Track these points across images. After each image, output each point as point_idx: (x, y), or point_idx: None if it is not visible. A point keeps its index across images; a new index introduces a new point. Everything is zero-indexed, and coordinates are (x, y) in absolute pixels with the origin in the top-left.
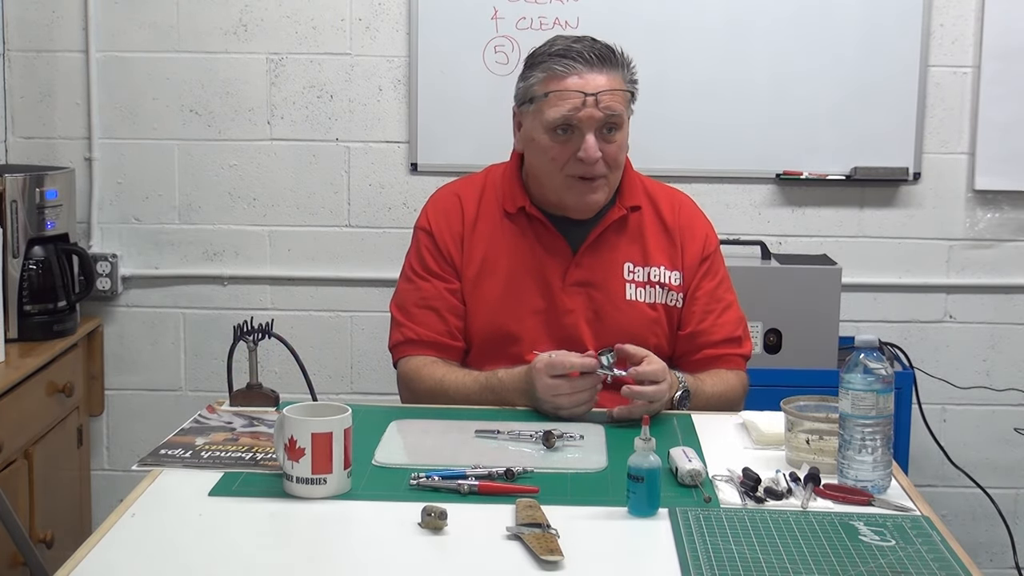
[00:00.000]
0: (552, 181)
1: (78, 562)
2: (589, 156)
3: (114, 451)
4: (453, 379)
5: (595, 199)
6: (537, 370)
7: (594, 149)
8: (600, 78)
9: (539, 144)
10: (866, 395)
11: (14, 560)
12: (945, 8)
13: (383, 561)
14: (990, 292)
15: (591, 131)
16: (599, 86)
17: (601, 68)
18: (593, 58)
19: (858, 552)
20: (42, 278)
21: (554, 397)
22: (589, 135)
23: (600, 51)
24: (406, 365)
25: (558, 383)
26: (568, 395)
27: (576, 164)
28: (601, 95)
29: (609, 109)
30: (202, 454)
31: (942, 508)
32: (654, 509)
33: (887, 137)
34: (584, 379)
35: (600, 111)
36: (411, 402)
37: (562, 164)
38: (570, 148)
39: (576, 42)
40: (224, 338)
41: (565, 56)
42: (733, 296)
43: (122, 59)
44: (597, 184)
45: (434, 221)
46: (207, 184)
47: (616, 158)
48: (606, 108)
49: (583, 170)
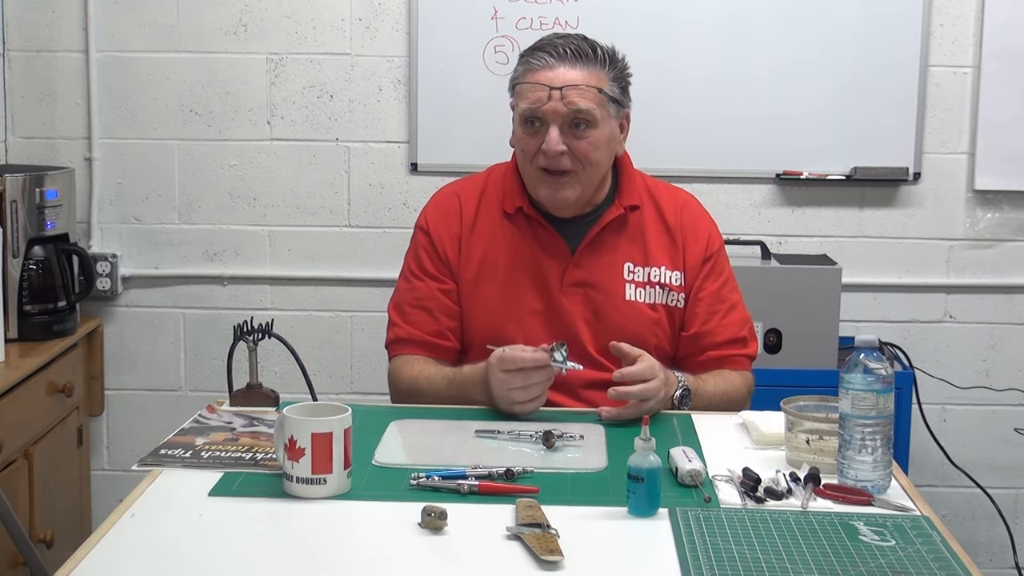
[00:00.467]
0: (526, 174)
1: (78, 562)
2: (548, 148)
3: (114, 451)
4: (426, 377)
5: (564, 195)
6: (490, 364)
7: (554, 142)
8: (570, 73)
9: (516, 135)
10: (866, 395)
11: (14, 560)
12: (945, 8)
13: (383, 561)
14: (990, 292)
15: (555, 124)
16: (566, 80)
17: (573, 63)
18: (567, 53)
19: (858, 552)
20: (42, 278)
21: (508, 391)
22: (553, 128)
23: (577, 47)
24: (394, 364)
25: (510, 377)
26: (521, 388)
27: (541, 156)
28: (567, 89)
29: (574, 105)
30: (202, 454)
31: (942, 508)
32: (654, 509)
33: (887, 137)
34: (537, 372)
35: (564, 106)
36: (397, 401)
37: (531, 156)
38: (538, 140)
39: (560, 38)
40: (224, 338)
41: (542, 49)
42: (738, 296)
43: (122, 59)
44: (565, 180)
45: (432, 221)
46: (207, 184)
47: (587, 155)
48: (570, 103)
49: (546, 162)
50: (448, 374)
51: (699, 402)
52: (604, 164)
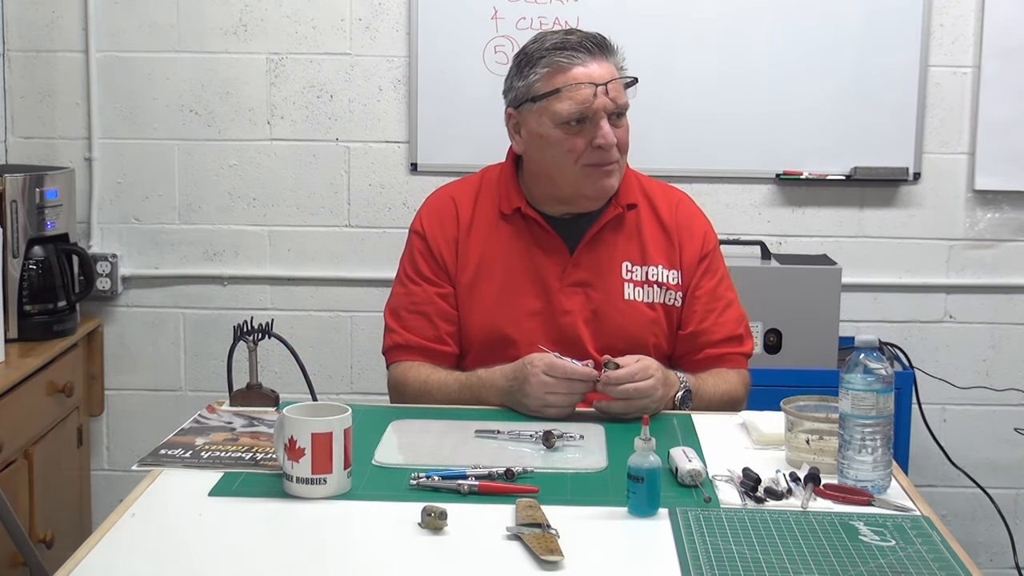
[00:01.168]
0: (566, 174)
1: (78, 562)
2: (608, 141)
3: (114, 451)
4: (436, 379)
5: (611, 183)
6: (535, 365)
7: (611, 135)
8: (603, 67)
9: (549, 139)
10: (866, 395)
11: (14, 560)
12: (945, 8)
13: (383, 561)
14: (990, 292)
15: (604, 119)
16: (605, 75)
17: (601, 57)
18: (593, 47)
19: (858, 552)
20: (42, 278)
21: (546, 394)
22: (604, 122)
23: (596, 40)
24: (395, 370)
25: (556, 383)
26: (562, 395)
27: (592, 152)
28: (611, 84)
29: (619, 98)
30: (202, 454)
31: (942, 508)
32: (654, 509)
33: (887, 137)
34: (581, 384)
35: (610, 100)
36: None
37: (578, 155)
38: (584, 138)
39: (569, 34)
40: (224, 338)
41: (564, 48)
42: (734, 294)
43: (122, 59)
44: (611, 168)
45: (428, 224)
46: (207, 184)
47: (625, 142)
48: (615, 97)
49: (600, 157)
50: (461, 379)
51: (699, 402)
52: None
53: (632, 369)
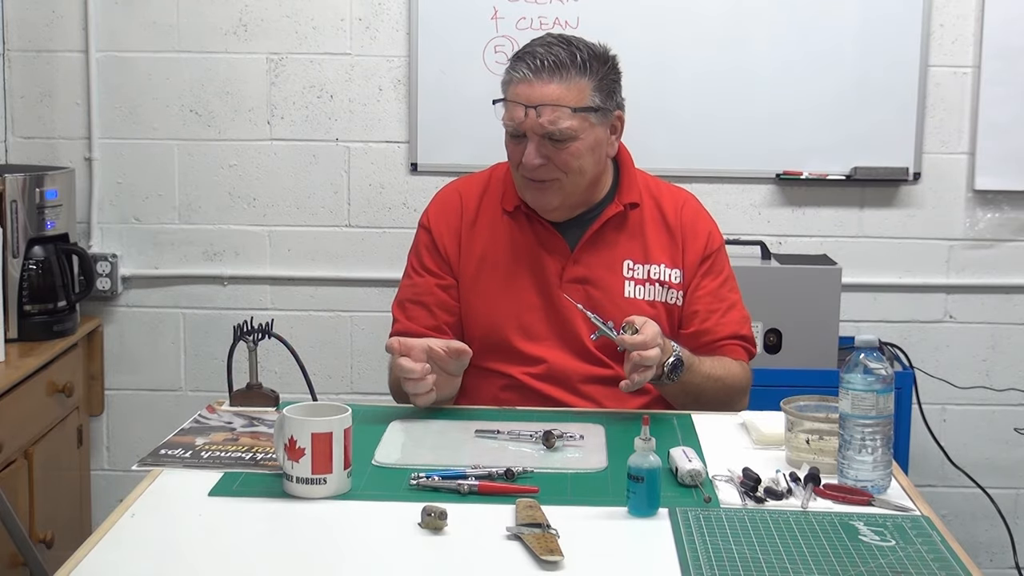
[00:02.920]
0: (515, 178)
1: (78, 562)
2: (526, 163)
3: (114, 451)
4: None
5: (546, 201)
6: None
7: (531, 157)
8: (548, 88)
9: (505, 141)
10: (866, 395)
11: (14, 560)
12: (945, 8)
13: (383, 561)
14: (990, 292)
15: (532, 140)
16: (543, 97)
17: (551, 77)
18: (546, 65)
19: (858, 552)
20: (42, 278)
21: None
22: (530, 144)
23: (556, 58)
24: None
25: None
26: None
27: (523, 166)
28: (542, 108)
29: (551, 123)
30: (202, 454)
31: (942, 508)
32: (654, 509)
33: (887, 137)
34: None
35: (542, 123)
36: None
37: (516, 164)
38: (521, 150)
39: (542, 46)
40: (224, 338)
41: (522, 59)
42: (737, 296)
43: (122, 59)
44: (547, 186)
45: (434, 218)
46: (207, 184)
47: (567, 164)
48: (549, 122)
49: (527, 173)
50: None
51: (693, 378)
52: (589, 170)
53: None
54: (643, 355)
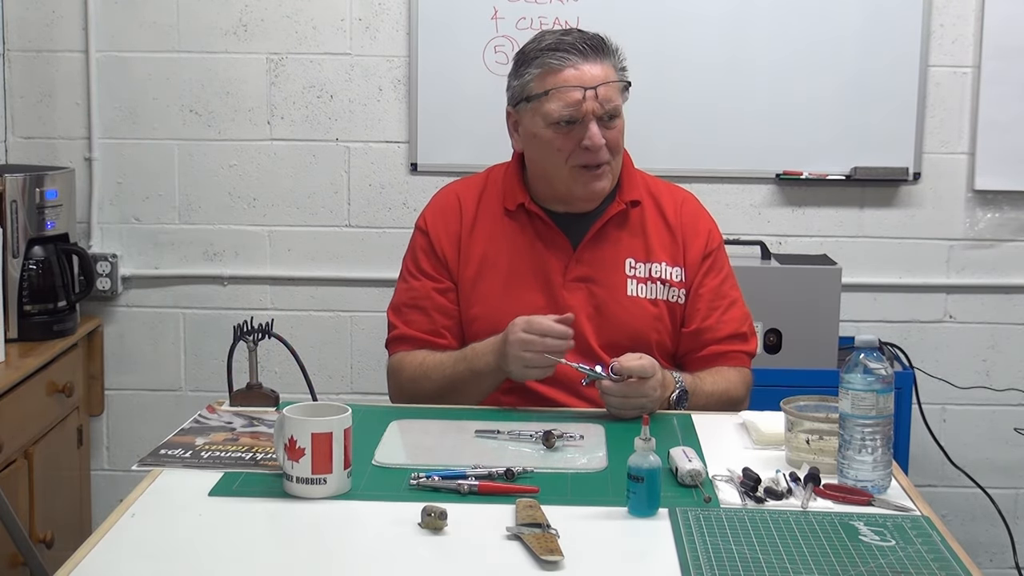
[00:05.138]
0: (559, 173)
1: (78, 562)
2: (595, 144)
3: (114, 451)
4: (433, 359)
5: (601, 186)
6: (515, 324)
7: (599, 137)
8: (596, 68)
9: (542, 139)
10: (866, 395)
11: (14, 560)
12: (945, 8)
13: (383, 561)
14: (990, 292)
15: (593, 121)
16: (596, 78)
17: (595, 58)
18: (587, 49)
19: (858, 552)
20: (42, 278)
21: (524, 352)
22: (593, 124)
23: (592, 41)
24: (392, 359)
25: (531, 339)
26: (536, 353)
27: (581, 154)
28: (601, 88)
29: (608, 100)
30: (202, 454)
31: (942, 508)
32: (654, 509)
33: (887, 137)
34: (554, 341)
35: (600, 103)
36: (397, 396)
37: (567, 155)
38: (574, 139)
39: (565, 35)
40: (224, 338)
41: (558, 49)
42: (738, 293)
43: (122, 59)
44: (602, 171)
45: (431, 221)
46: (207, 184)
47: (617, 144)
48: (605, 100)
49: (589, 158)
50: (456, 353)
51: (697, 401)
52: (623, 150)
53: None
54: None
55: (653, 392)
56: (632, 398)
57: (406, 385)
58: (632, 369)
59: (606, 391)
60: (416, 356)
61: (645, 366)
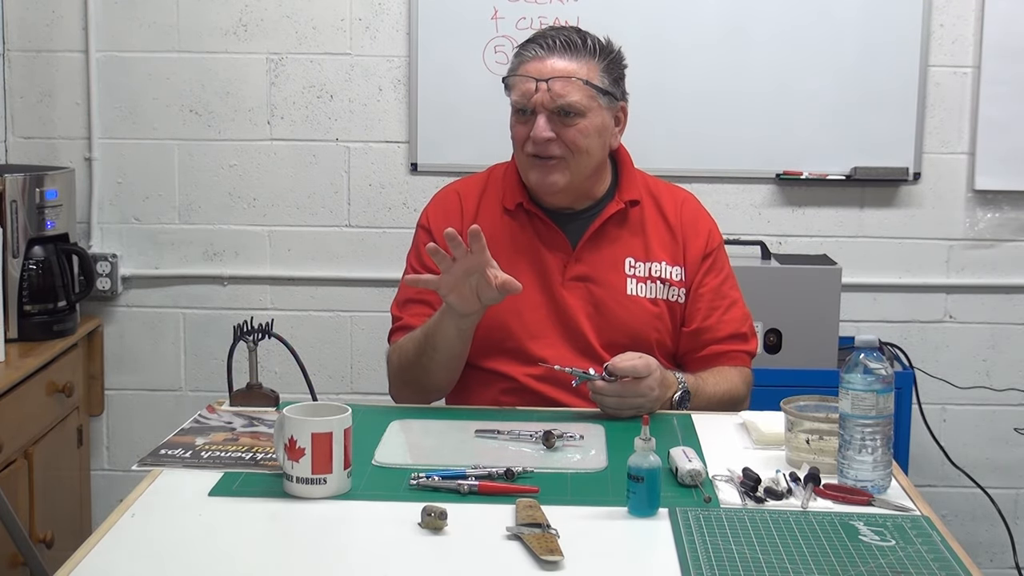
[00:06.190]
0: (520, 162)
1: (78, 562)
2: (536, 135)
3: (114, 451)
4: (407, 337)
5: (552, 180)
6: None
7: (542, 129)
8: (559, 63)
9: (510, 125)
10: (866, 395)
11: (14, 560)
12: (945, 8)
13: (383, 561)
14: (990, 292)
15: (542, 114)
16: (553, 72)
17: (564, 54)
18: (557, 44)
19: (858, 552)
20: (42, 278)
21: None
22: (539, 117)
23: (567, 38)
24: (389, 349)
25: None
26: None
27: (530, 143)
28: (552, 81)
29: (561, 96)
30: (202, 454)
31: (942, 508)
32: (654, 509)
33: (887, 137)
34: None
35: (551, 97)
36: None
37: (522, 143)
38: (527, 128)
39: (551, 30)
40: (224, 338)
41: (533, 41)
42: (738, 293)
43: (122, 59)
44: (553, 164)
45: (433, 218)
46: (207, 184)
47: (575, 142)
48: (557, 95)
49: (535, 149)
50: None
51: (699, 402)
52: (596, 153)
53: (635, 364)
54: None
55: (650, 392)
56: (628, 398)
57: (397, 371)
58: (624, 369)
59: (601, 391)
60: (400, 342)
61: (637, 366)
